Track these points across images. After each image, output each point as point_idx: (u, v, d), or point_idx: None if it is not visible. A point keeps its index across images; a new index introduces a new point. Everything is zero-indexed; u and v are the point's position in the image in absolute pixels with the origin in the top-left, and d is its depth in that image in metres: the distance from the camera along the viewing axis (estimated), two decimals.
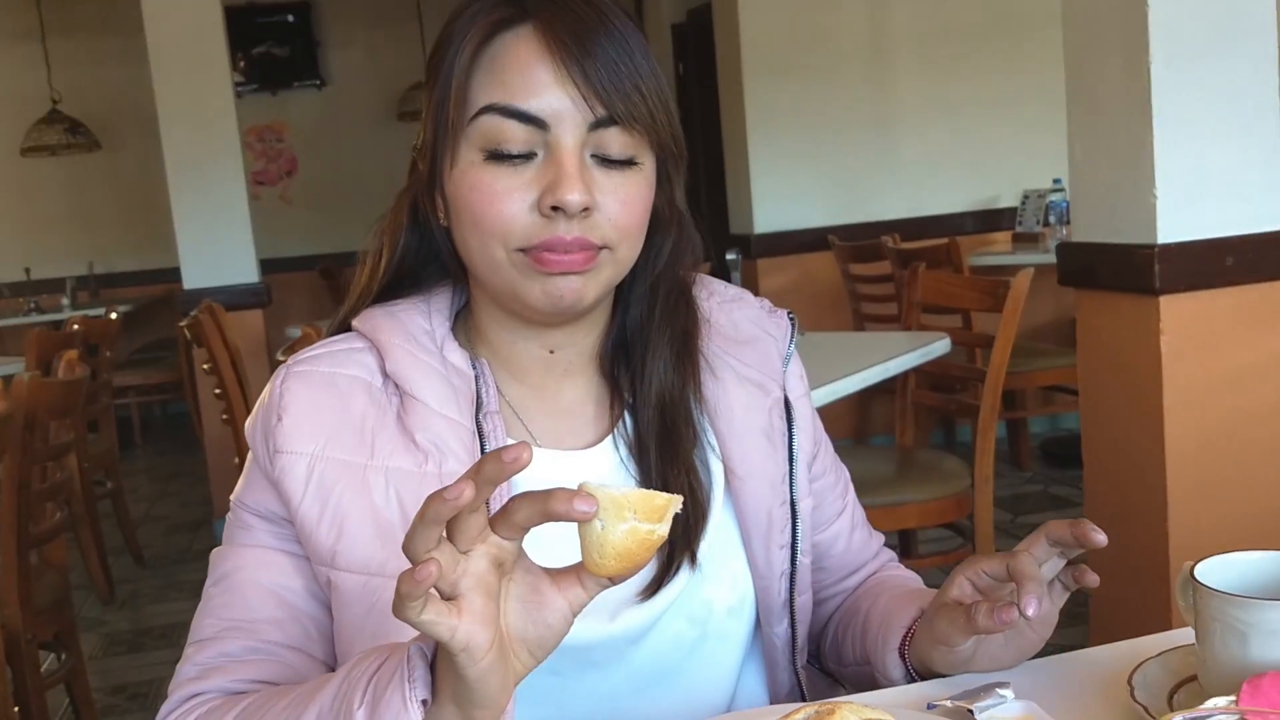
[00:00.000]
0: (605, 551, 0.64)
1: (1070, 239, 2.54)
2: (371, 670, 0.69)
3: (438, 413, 0.86)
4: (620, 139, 0.83)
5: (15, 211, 7.16)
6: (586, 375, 0.94)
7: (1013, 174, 4.79)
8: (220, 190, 4.51)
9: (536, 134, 0.82)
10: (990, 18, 4.76)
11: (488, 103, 0.82)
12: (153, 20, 4.45)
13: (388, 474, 0.85)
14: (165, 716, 0.84)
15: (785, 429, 0.95)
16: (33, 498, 2.32)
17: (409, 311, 0.91)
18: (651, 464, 0.90)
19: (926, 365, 2.83)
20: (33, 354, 3.50)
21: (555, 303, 0.84)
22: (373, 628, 0.82)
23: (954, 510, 2.62)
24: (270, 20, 7.17)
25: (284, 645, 0.86)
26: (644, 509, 0.64)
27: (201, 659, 0.85)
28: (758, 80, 4.59)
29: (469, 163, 0.83)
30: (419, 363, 0.88)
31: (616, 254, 0.85)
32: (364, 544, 0.83)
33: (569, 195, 0.80)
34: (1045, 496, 4.03)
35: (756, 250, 4.68)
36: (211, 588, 0.89)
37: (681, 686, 0.91)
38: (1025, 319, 4.54)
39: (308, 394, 0.87)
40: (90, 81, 6.98)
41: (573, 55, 0.81)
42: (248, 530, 0.89)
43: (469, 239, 0.85)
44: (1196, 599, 0.78)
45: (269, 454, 0.86)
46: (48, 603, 2.39)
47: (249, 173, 5.00)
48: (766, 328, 0.99)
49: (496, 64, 0.83)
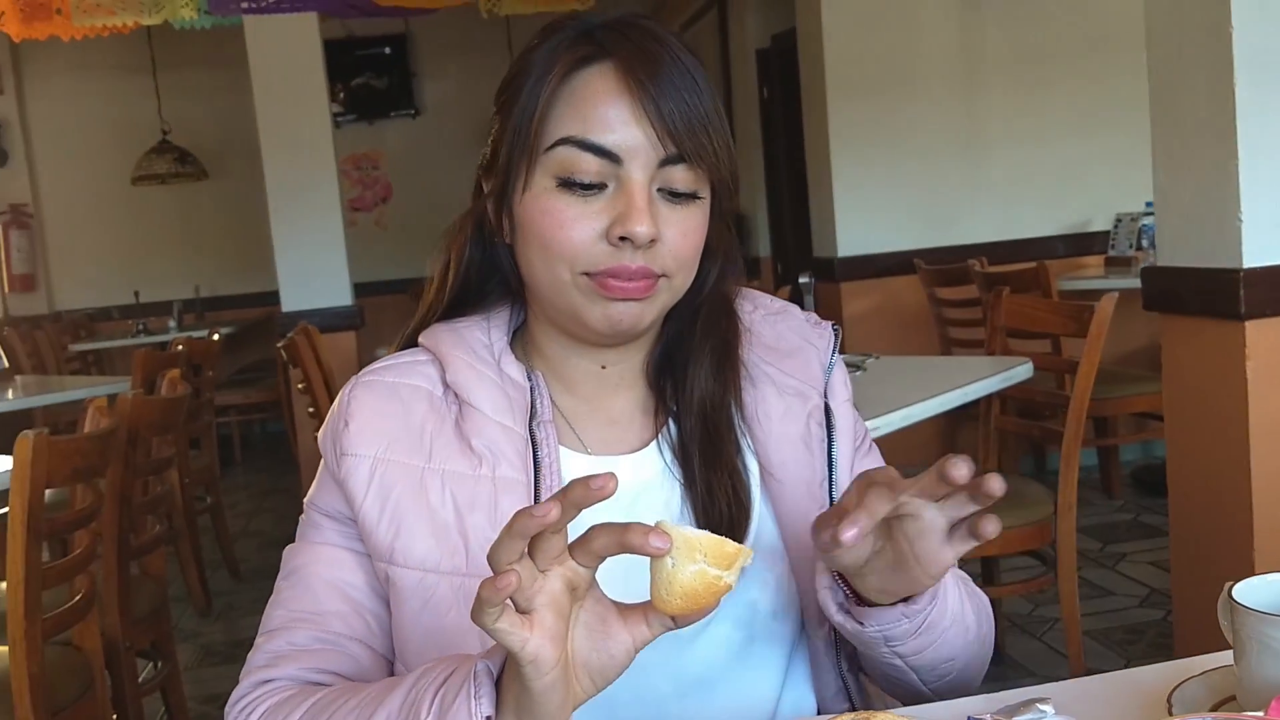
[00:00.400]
0: (673, 589, 0.68)
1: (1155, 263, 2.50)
2: (439, 681, 0.74)
3: (493, 420, 0.92)
4: (685, 175, 0.88)
5: (126, 237, 7.48)
6: (635, 387, 0.98)
7: (1105, 197, 4.71)
8: (317, 216, 4.67)
9: (609, 167, 0.87)
10: (1084, 38, 4.70)
11: (565, 135, 0.87)
12: (256, 53, 4.63)
13: (444, 476, 0.90)
14: (237, 701, 0.89)
15: (824, 435, 0.98)
16: (134, 510, 2.42)
17: (470, 327, 0.97)
18: (695, 469, 0.93)
19: (1012, 391, 2.79)
20: (139, 373, 3.66)
21: (614, 326, 0.89)
22: (427, 622, 0.88)
23: (1036, 538, 2.59)
24: (368, 52, 7.40)
25: (348, 637, 0.91)
26: (714, 554, 0.68)
27: (271, 648, 0.91)
28: (841, 102, 4.60)
29: (542, 188, 0.88)
30: (476, 373, 0.93)
31: (673, 282, 0.90)
32: (420, 542, 0.89)
33: (638, 228, 0.85)
34: (1135, 525, 3.93)
35: (840, 273, 4.67)
36: (282, 581, 0.95)
37: (728, 690, 0.93)
38: (1118, 344, 4.49)
39: (373, 402, 0.93)
40: (198, 113, 7.27)
41: (649, 94, 0.86)
42: (317, 529, 0.95)
43: (535, 260, 0.90)
44: (1234, 618, 0.78)
45: (336, 457, 0.92)
46: (146, 612, 2.49)
47: (346, 200, 5.17)
48: (809, 338, 1.02)
49: (575, 98, 0.88)
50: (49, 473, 1.87)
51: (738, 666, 0.94)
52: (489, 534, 0.88)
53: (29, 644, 1.83)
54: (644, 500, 0.94)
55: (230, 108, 6.95)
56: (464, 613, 0.86)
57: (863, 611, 0.86)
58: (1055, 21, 4.70)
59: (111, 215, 7.45)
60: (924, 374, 2.66)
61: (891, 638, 0.86)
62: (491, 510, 0.89)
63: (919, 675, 0.92)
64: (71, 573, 2.07)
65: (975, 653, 0.97)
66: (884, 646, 0.87)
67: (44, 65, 7.31)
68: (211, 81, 7.18)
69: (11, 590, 1.83)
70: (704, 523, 0.92)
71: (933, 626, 0.88)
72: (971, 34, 4.73)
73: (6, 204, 7.39)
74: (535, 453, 0.91)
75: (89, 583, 2.12)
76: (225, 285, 7.49)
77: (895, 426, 2.11)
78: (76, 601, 2.07)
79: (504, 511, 0.89)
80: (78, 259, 7.50)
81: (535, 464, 0.91)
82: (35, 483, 1.82)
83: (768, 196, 6.03)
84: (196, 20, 4.32)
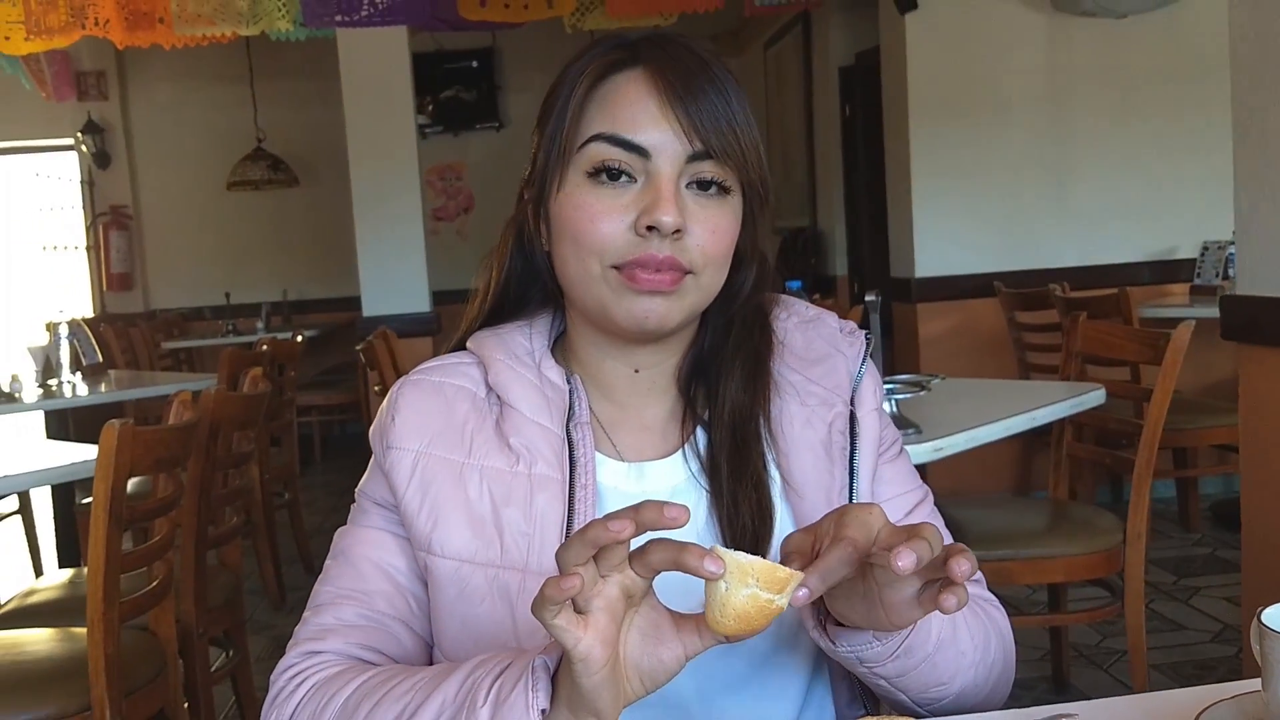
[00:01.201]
0: (726, 611, 0.71)
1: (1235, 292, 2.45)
2: (497, 672, 0.77)
3: (530, 420, 0.95)
4: (714, 170, 0.91)
5: (220, 241, 7.71)
6: (667, 393, 1.00)
7: (1192, 224, 4.62)
8: (399, 224, 4.78)
9: (639, 161, 0.90)
10: (1175, 62, 4.62)
11: (597, 132, 0.91)
12: (347, 65, 4.77)
13: (482, 472, 0.94)
14: (285, 670, 0.93)
15: (847, 444, 0.98)
16: (213, 502, 2.51)
17: (513, 332, 1.01)
18: (723, 480, 0.95)
19: (1086, 418, 2.76)
20: (224, 371, 3.78)
21: (640, 323, 0.91)
22: (462, 610, 0.92)
23: (1104, 566, 2.54)
24: (456, 66, 7.55)
25: (391, 616, 0.96)
26: (767, 579, 0.71)
27: (318, 621, 0.96)
28: (923, 121, 4.57)
29: (574, 185, 0.91)
30: (516, 375, 0.97)
31: (700, 280, 0.91)
32: (457, 533, 0.92)
33: (663, 216, 0.87)
34: (1212, 560, 3.84)
35: (917, 294, 4.64)
36: (330, 561, 1.00)
37: (751, 696, 0.94)
38: (1200, 375, 4.39)
39: (418, 399, 0.98)
40: (292, 122, 7.48)
41: (677, 94, 0.90)
42: (365, 514, 1.00)
43: (569, 256, 0.92)
44: (1263, 643, 0.78)
45: (383, 449, 0.97)
46: (220, 601, 2.57)
47: (429, 209, 5.29)
48: (839, 346, 1.03)
49: (608, 100, 0.91)
50: (132, 461, 1.94)
51: (761, 675, 0.95)
52: (523, 528, 0.92)
53: (106, 626, 1.91)
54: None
55: (322, 117, 7.14)
56: (497, 602, 0.90)
57: (835, 631, 0.86)
58: (1146, 44, 4.63)
59: (206, 219, 7.69)
60: (993, 397, 2.63)
61: (866, 659, 0.85)
62: (526, 506, 0.92)
63: (909, 698, 0.91)
64: (150, 559, 2.14)
65: (976, 679, 0.94)
66: (860, 667, 0.87)
67: (147, 73, 7.58)
68: (306, 91, 7.38)
69: (92, 573, 1.91)
70: (729, 533, 0.94)
71: (911, 651, 0.86)
72: (1060, 55, 4.67)
73: (108, 205, 7.67)
74: (571, 453, 0.94)
75: (166, 570, 2.19)
76: (312, 289, 7.67)
77: (960, 448, 2.09)
78: (153, 587, 2.14)
79: (538, 507, 0.92)
80: (173, 260, 7.75)
81: (571, 463, 0.94)
82: (119, 470, 1.89)
83: (846, 215, 6.01)
84: (292, 32, 4.46)
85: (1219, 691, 0.86)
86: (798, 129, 6.58)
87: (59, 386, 4.12)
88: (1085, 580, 2.72)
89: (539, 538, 0.91)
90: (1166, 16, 4.57)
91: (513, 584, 0.91)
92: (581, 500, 0.93)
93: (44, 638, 2.18)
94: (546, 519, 0.92)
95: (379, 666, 0.91)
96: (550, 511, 0.92)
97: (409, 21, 4.56)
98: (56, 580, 2.68)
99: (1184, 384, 4.26)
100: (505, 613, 0.90)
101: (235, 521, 2.76)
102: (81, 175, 7.71)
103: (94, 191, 7.71)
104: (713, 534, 0.95)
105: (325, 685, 0.89)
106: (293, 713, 0.90)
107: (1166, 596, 3.50)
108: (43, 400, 3.96)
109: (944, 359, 4.53)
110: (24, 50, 4.48)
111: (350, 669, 0.90)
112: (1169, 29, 4.59)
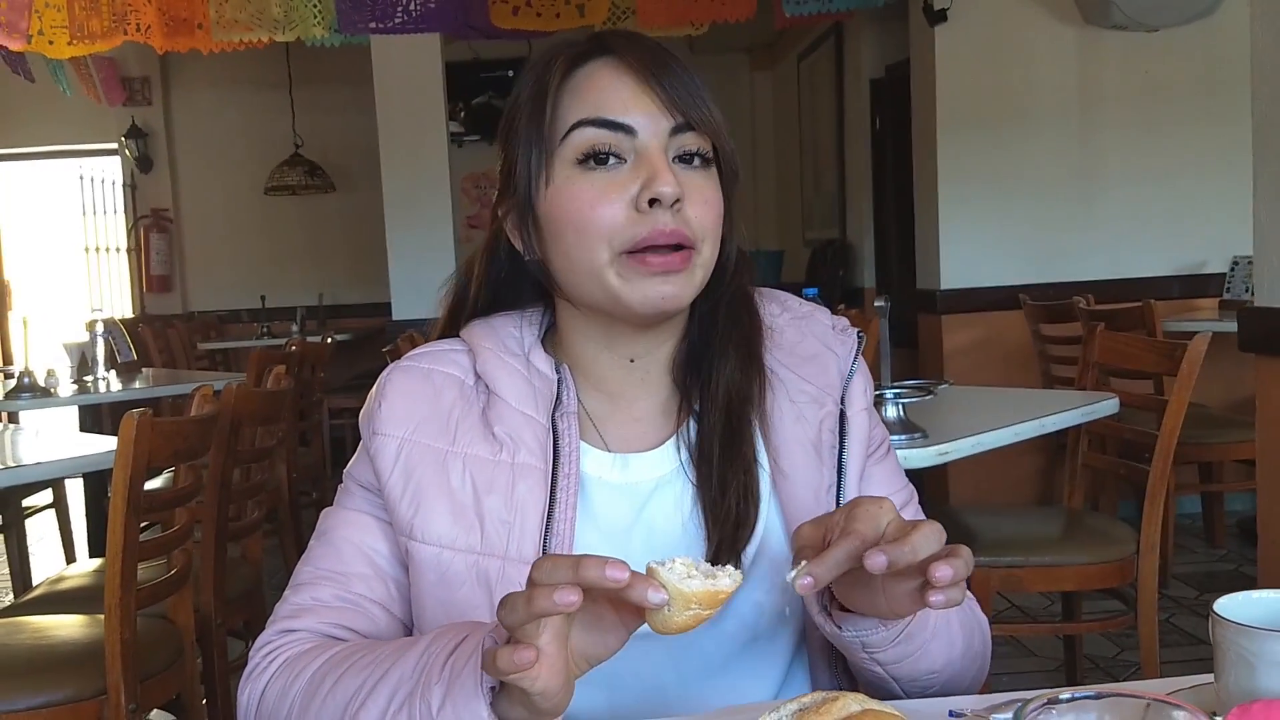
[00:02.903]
0: (669, 625, 0.73)
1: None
2: (451, 648, 0.79)
3: (515, 409, 0.96)
4: (696, 141, 0.93)
5: (257, 245, 7.82)
6: (661, 385, 1.01)
7: (1223, 238, 4.57)
8: (430, 231, 4.85)
9: (626, 140, 0.91)
10: (1203, 75, 4.59)
11: (579, 119, 0.92)
12: (381, 71, 4.84)
13: (466, 460, 0.95)
14: (261, 646, 0.96)
15: (836, 443, 0.99)
16: (233, 495, 2.56)
17: (504, 323, 1.02)
18: (713, 464, 0.96)
19: (1105, 429, 2.75)
20: (253, 370, 3.84)
21: (656, 306, 0.91)
22: (442, 595, 0.93)
23: (1116, 576, 2.53)
24: (492, 75, 7.61)
25: (368, 599, 0.97)
26: (707, 600, 0.73)
27: (297, 600, 0.98)
28: (951, 133, 4.57)
29: (564, 177, 0.92)
30: (503, 364, 0.98)
31: (702, 254, 0.93)
32: (439, 520, 0.94)
33: (664, 187, 0.89)
34: (1237, 576, 3.80)
35: (942, 306, 4.64)
36: (314, 541, 1.02)
37: (728, 683, 0.96)
38: (1228, 390, 4.35)
39: (405, 386, 0.99)
40: (329, 128, 7.58)
41: (651, 72, 0.92)
42: (350, 496, 1.01)
43: (571, 249, 0.92)
44: (1215, 631, 0.79)
45: (370, 434, 0.99)
46: (239, 593, 2.62)
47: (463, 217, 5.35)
48: (831, 344, 1.03)
49: (583, 87, 0.93)
50: (151, 452, 1.99)
51: (739, 662, 0.97)
52: (504, 516, 0.93)
53: (122, 612, 1.95)
54: (657, 497, 0.97)
55: (359, 124, 7.22)
56: (476, 588, 0.92)
57: (841, 616, 0.88)
58: (1177, 58, 4.60)
59: (245, 223, 7.81)
60: (1004, 404, 2.63)
61: (869, 644, 0.88)
62: (508, 494, 0.93)
63: (900, 685, 0.92)
64: (168, 548, 2.19)
65: (962, 669, 0.97)
66: (862, 652, 0.89)
67: (189, 79, 7.72)
68: (343, 98, 7.48)
69: (110, 560, 1.96)
70: (712, 518, 0.94)
71: (911, 637, 0.88)
72: (1090, 68, 4.66)
73: (149, 208, 7.81)
74: (556, 442, 0.95)
75: (185, 559, 2.24)
76: (347, 294, 7.76)
77: (965, 453, 2.10)
78: (171, 575, 2.19)
79: (520, 496, 0.93)
80: (211, 263, 7.87)
81: (555, 453, 0.95)
82: (137, 460, 1.94)
83: (875, 226, 6.01)
84: (327, 38, 4.54)
85: (1174, 684, 0.87)
86: (829, 141, 6.58)
87: (94, 383, 4.21)
88: (1100, 591, 2.71)
89: (519, 526, 0.93)
90: (1198, 30, 4.54)
91: (492, 570, 0.92)
92: (564, 489, 0.94)
93: (67, 623, 2.24)
94: (527, 507, 0.93)
95: (348, 642, 0.93)
96: (531, 500, 0.93)
97: (442, 29, 4.62)
98: (85, 568, 2.74)
99: (1211, 399, 4.23)
100: (484, 598, 0.92)
101: (256, 515, 2.81)
102: (124, 179, 7.86)
103: (136, 195, 7.85)
104: (698, 524, 0.96)
105: (295, 661, 0.91)
106: (264, 686, 0.92)
107: (1189, 611, 3.47)
108: (77, 396, 4.05)
109: (969, 371, 4.52)
110: (66, 54, 4.59)
111: (320, 645, 0.92)
112: (1201, 43, 4.56)
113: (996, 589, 2.48)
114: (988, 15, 4.55)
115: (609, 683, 0.93)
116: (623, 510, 0.97)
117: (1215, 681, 0.80)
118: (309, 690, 0.87)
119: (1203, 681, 0.85)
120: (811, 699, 0.79)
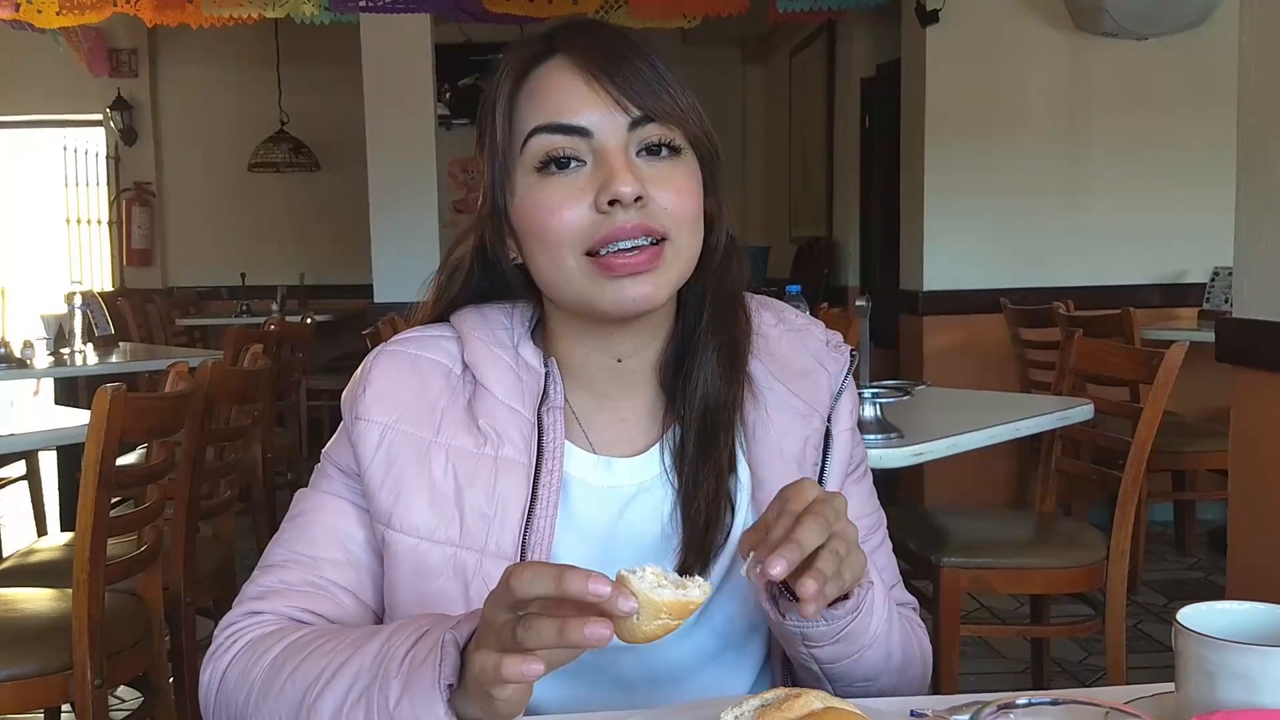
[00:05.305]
0: (637, 635, 0.73)
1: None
2: (411, 641, 0.78)
3: (501, 402, 0.95)
4: (660, 131, 0.91)
5: (239, 221, 7.77)
6: (648, 386, 0.99)
7: (1204, 249, 4.59)
8: (414, 213, 4.82)
9: (583, 143, 0.90)
10: (1192, 85, 4.60)
11: (533, 127, 0.91)
12: (369, 51, 4.81)
13: (449, 451, 0.93)
14: (226, 626, 0.95)
15: (819, 459, 0.98)
16: (205, 473, 2.54)
17: (496, 312, 1.00)
18: (687, 463, 0.95)
19: (1080, 435, 2.76)
20: (229, 348, 3.81)
21: (625, 308, 0.90)
22: (418, 586, 0.92)
23: (1085, 581, 2.55)
24: (483, 58, 7.57)
25: (338, 585, 0.96)
26: (677, 610, 0.72)
27: (265, 582, 0.96)
28: (939, 135, 4.58)
29: (526, 186, 0.91)
30: (491, 354, 0.97)
31: (677, 244, 0.91)
32: (418, 510, 0.93)
33: (621, 187, 0.87)
34: (1206, 584, 3.83)
35: (924, 307, 4.65)
36: (287, 522, 1.00)
37: (697, 691, 0.95)
38: (1204, 399, 4.38)
39: (391, 371, 0.97)
40: (316, 106, 7.51)
41: (601, 68, 0.90)
42: (328, 479, 0.99)
43: (539, 256, 0.92)
44: (1177, 640, 0.79)
45: (352, 418, 0.97)
46: (209, 572, 2.60)
47: (449, 200, 5.33)
48: (823, 360, 1.02)
49: (535, 93, 0.92)
50: (124, 428, 1.97)
51: (708, 670, 0.97)
52: (484, 510, 0.92)
53: (91, 586, 1.94)
54: (638, 502, 0.97)
55: (346, 103, 7.15)
56: (452, 581, 0.91)
57: (787, 605, 0.88)
58: (1166, 67, 4.62)
59: (227, 199, 7.76)
60: (980, 406, 2.65)
61: (808, 637, 0.88)
62: (490, 488, 0.92)
63: (834, 686, 0.92)
64: (139, 524, 2.18)
65: (897, 683, 0.97)
66: (800, 645, 0.89)
67: (177, 53, 7.66)
68: (331, 77, 7.42)
69: (79, 534, 1.94)
70: (684, 520, 0.94)
71: (851, 638, 0.89)
72: (1079, 74, 4.68)
73: (132, 181, 7.75)
74: (540, 438, 0.94)
75: (156, 536, 2.23)
76: (329, 274, 7.71)
77: (940, 454, 2.11)
78: (141, 552, 2.18)
79: (501, 490, 0.92)
80: (193, 239, 7.82)
81: (539, 449, 0.94)
82: (110, 434, 1.93)
83: (861, 226, 6.02)
84: (317, 15, 4.52)
85: (1134, 692, 0.87)
86: (818, 138, 6.59)
87: (70, 355, 4.18)
88: (1069, 595, 2.73)
89: (499, 520, 0.92)
90: (1188, 40, 4.56)
91: (470, 564, 0.91)
92: (546, 486, 0.93)
93: (35, 596, 2.22)
94: (508, 502, 0.92)
95: (312, 626, 0.92)
96: (513, 495, 0.92)
97: (433, 10, 4.61)
98: (56, 542, 2.72)
99: (1187, 408, 4.26)
100: (459, 591, 0.91)
101: (229, 494, 2.79)
102: (108, 150, 7.80)
103: (119, 167, 7.79)
104: (676, 531, 0.95)
105: (258, 643, 0.91)
106: (226, 667, 0.92)
107: (1156, 618, 3.50)
108: (53, 368, 4.02)
109: (948, 372, 4.54)
110: (55, 24, 4.56)
111: (284, 629, 0.91)
112: (1190, 52, 4.58)
113: (966, 589, 2.49)
114: (979, 18, 4.56)
115: (573, 678, 0.93)
116: (603, 513, 0.96)
117: (1175, 691, 0.80)
118: (269, 674, 0.87)
119: (1164, 690, 0.86)
120: (774, 695, 0.79)
